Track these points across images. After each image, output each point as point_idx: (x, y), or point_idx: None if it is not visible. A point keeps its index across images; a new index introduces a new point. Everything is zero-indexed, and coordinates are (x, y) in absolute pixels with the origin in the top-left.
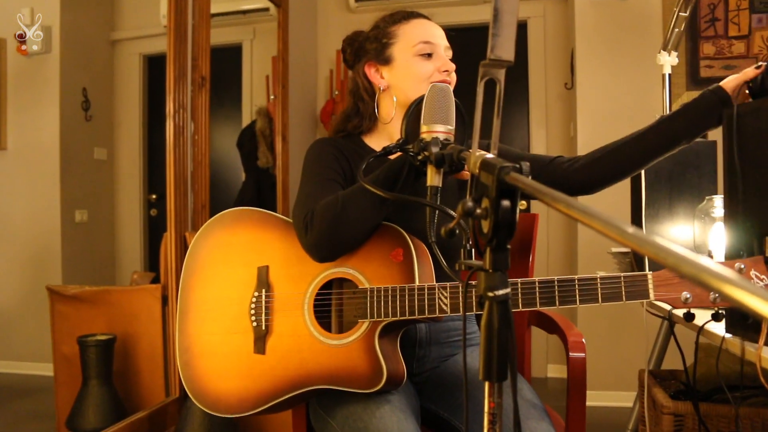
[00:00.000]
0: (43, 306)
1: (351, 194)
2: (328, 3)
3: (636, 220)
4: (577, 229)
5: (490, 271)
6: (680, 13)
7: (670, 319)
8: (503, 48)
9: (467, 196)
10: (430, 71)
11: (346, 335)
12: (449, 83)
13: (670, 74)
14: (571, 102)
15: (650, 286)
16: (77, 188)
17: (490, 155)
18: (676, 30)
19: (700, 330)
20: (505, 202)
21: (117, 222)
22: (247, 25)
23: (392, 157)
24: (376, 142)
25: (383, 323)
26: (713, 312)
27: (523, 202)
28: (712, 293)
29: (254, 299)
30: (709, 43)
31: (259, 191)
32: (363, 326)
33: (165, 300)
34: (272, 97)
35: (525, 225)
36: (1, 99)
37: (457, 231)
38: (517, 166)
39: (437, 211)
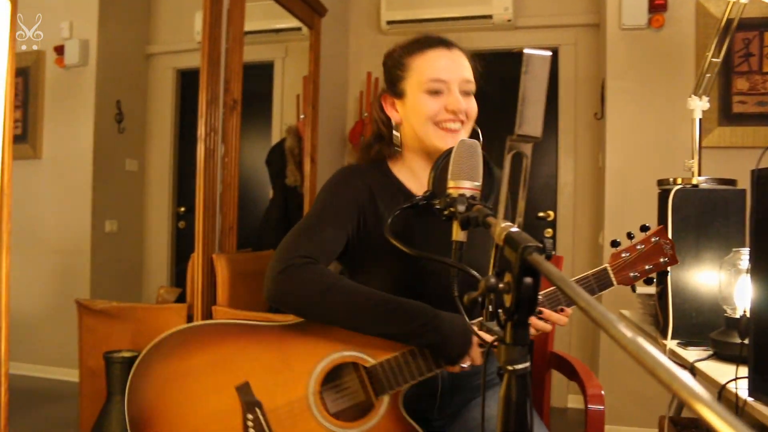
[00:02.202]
0: (70, 313)
1: (340, 296)
2: (360, 24)
3: None
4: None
5: (511, 344)
6: (713, 59)
7: (692, 370)
8: (531, 125)
9: (491, 266)
10: (435, 111)
11: (369, 417)
12: (455, 130)
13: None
14: (601, 132)
15: (611, 275)
16: (108, 198)
17: (515, 228)
18: (708, 75)
19: (722, 389)
20: (528, 280)
21: (145, 233)
22: (280, 43)
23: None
24: (401, 169)
25: (403, 391)
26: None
27: (550, 230)
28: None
29: (250, 423)
30: (743, 79)
31: (286, 209)
32: (384, 401)
33: (190, 320)
34: (302, 116)
35: None
36: (38, 109)
37: (480, 300)
38: (541, 245)
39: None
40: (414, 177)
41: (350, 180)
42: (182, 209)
